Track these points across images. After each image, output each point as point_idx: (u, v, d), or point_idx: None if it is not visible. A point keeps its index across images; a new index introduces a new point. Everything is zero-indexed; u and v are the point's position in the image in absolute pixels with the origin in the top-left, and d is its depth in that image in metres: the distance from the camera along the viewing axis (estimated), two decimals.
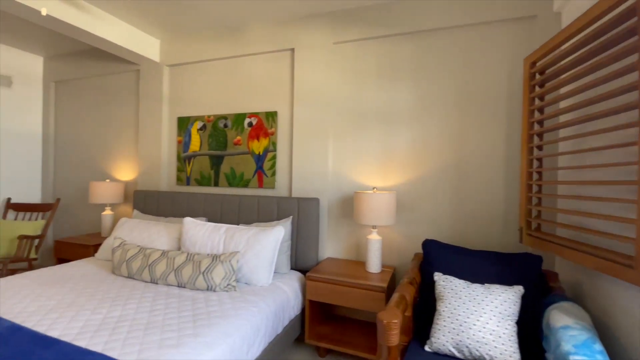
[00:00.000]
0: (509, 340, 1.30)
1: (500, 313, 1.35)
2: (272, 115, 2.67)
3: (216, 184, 2.87)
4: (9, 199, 3.41)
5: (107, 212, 3.07)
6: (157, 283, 1.96)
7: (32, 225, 3.16)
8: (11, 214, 3.49)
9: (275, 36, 2.62)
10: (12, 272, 3.21)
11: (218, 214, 2.67)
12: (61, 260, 2.99)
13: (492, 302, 1.38)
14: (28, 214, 3.46)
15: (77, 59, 3.55)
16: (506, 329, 1.32)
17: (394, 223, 2.04)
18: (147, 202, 2.94)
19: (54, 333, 1.34)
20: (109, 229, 3.06)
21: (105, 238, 3.00)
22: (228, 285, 1.86)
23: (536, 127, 1.79)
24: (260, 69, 2.74)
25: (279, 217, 2.45)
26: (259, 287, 1.95)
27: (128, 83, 3.31)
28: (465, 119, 2.12)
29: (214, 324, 1.44)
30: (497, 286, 1.45)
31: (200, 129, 2.94)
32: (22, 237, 2.89)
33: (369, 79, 2.37)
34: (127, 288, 1.87)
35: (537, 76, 1.70)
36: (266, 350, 1.68)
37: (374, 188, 2.20)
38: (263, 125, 2.70)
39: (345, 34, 2.39)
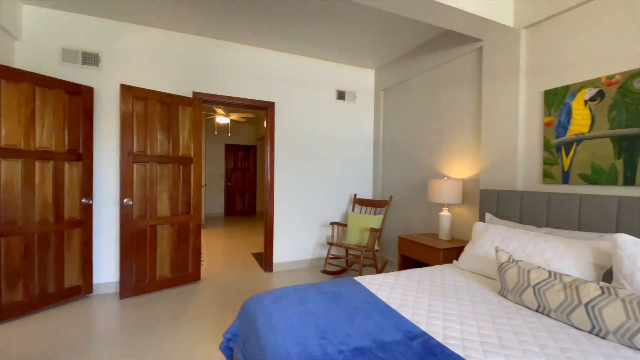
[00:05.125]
0: None
1: None
2: None
3: (630, 182, 1.79)
4: (355, 195, 4.05)
5: (445, 212, 2.78)
6: (605, 338, 1.21)
7: (374, 219, 3.48)
8: (356, 207, 4.13)
9: None
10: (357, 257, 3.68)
11: None
12: (404, 257, 3.02)
13: None
14: (367, 208, 3.94)
15: (399, 64, 3.65)
16: None
17: None
18: (500, 204, 2.35)
19: None
20: (448, 231, 2.76)
21: (443, 240, 2.72)
22: None
23: None
24: None
25: None
26: None
27: (461, 69, 2.92)
28: None
29: None
30: None
31: (592, 99, 1.96)
32: (372, 230, 3.18)
33: None
34: (558, 334, 1.24)
35: None
36: None
37: None
38: None
39: None
